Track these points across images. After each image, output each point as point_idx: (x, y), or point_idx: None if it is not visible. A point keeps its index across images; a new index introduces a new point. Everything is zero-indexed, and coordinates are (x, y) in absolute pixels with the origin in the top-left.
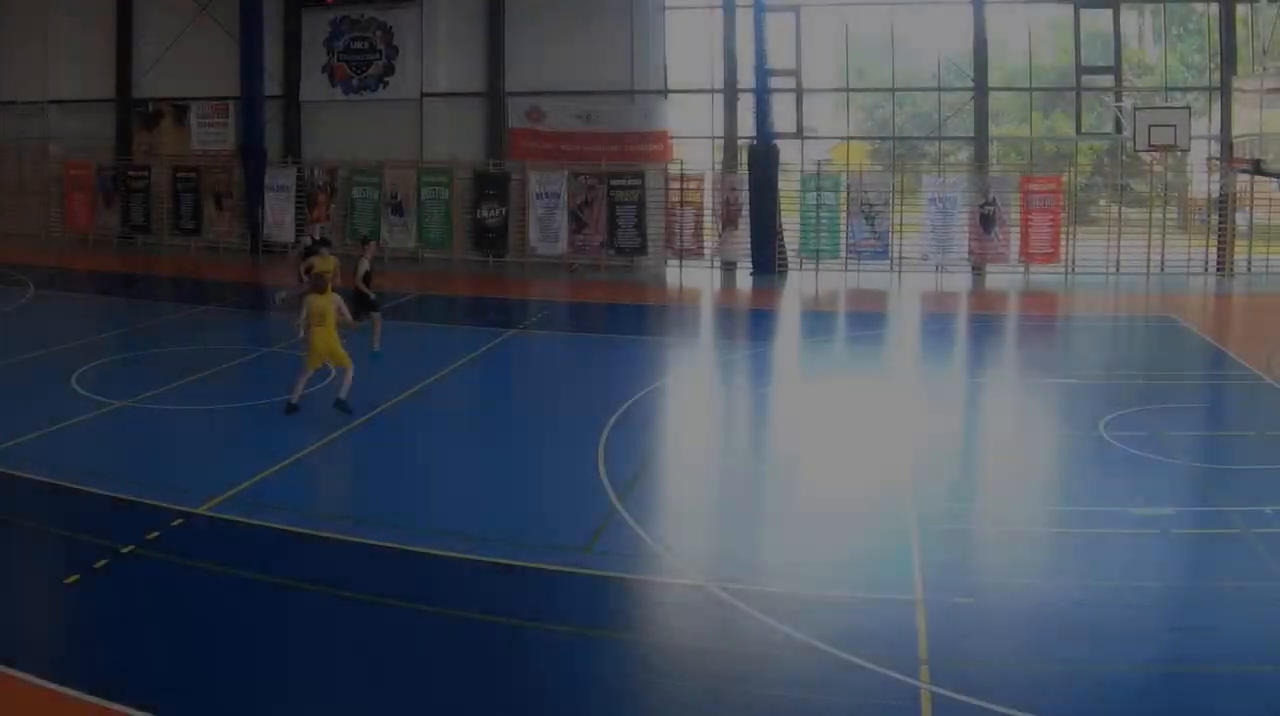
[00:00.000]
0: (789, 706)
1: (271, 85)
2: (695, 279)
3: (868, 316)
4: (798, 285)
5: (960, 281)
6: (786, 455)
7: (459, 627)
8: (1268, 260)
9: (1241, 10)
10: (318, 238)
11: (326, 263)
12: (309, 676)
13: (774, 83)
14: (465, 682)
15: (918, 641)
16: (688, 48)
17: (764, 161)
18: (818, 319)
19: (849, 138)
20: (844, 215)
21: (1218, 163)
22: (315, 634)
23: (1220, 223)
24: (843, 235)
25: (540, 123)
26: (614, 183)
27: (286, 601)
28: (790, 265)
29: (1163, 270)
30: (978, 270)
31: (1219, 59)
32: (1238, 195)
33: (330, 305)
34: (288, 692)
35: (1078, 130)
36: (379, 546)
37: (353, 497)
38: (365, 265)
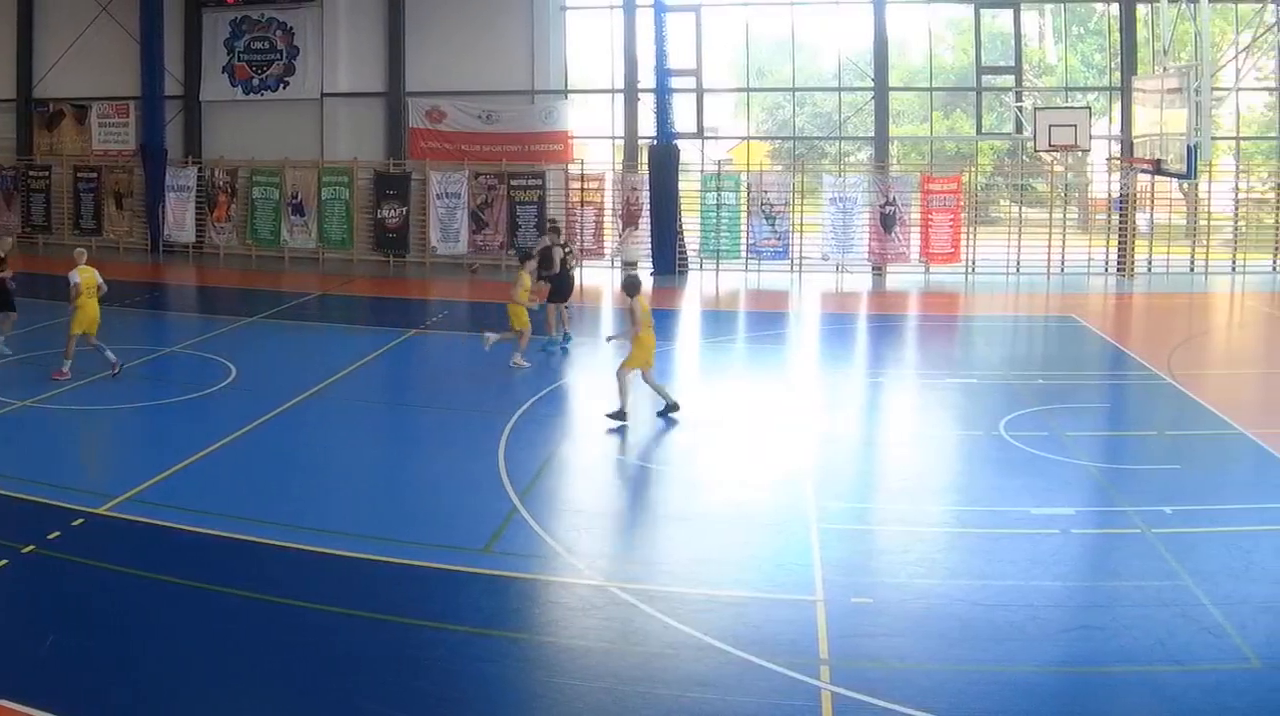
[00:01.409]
0: (689, 706)
1: (172, 85)
2: (596, 279)
3: (768, 316)
4: (698, 285)
5: (861, 281)
6: (688, 455)
7: (355, 627)
8: (1168, 260)
9: (1142, 10)
10: (562, 244)
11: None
12: (208, 676)
13: (674, 83)
14: (363, 682)
15: (818, 641)
16: (588, 48)
17: (664, 161)
18: (718, 319)
19: (749, 138)
20: (744, 215)
21: (1118, 163)
22: (216, 633)
23: (1120, 223)
24: (743, 235)
25: (441, 123)
26: (514, 183)
27: (187, 601)
28: (691, 265)
29: (1063, 270)
30: (878, 270)
31: (1119, 59)
32: (1138, 195)
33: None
34: (188, 692)
35: (978, 130)
36: (278, 546)
37: (253, 497)
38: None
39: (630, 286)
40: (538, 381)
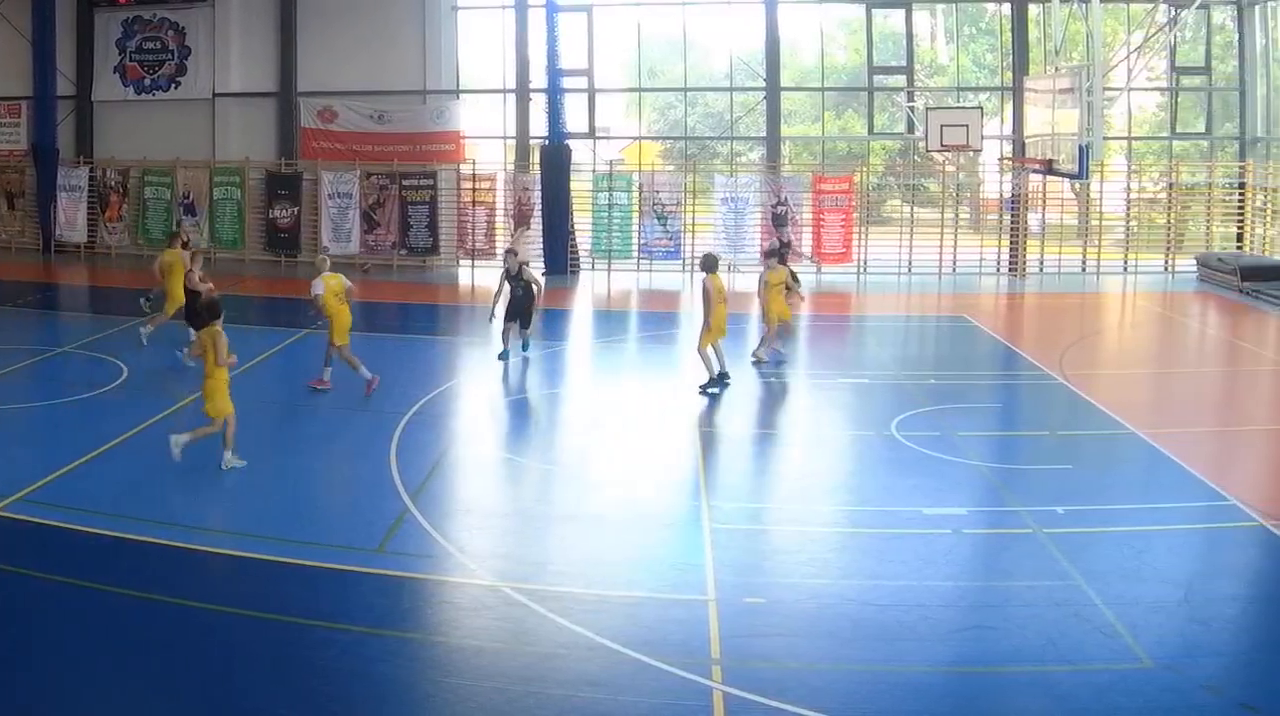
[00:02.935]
0: (581, 706)
1: (64, 85)
2: (488, 279)
3: (660, 316)
4: (590, 285)
5: (752, 281)
6: (580, 455)
7: (247, 627)
8: (1060, 260)
9: (1033, 10)
10: (786, 241)
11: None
12: (99, 677)
13: (566, 83)
14: (255, 683)
15: (710, 641)
16: (480, 48)
17: (556, 161)
18: (610, 319)
19: (641, 138)
20: (636, 215)
21: (1010, 163)
22: (107, 634)
23: (1012, 223)
24: (635, 235)
25: (332, 123)
26: (406, 183)
27: (78, 601)
28: (583, 265)
29: (955, 270)
30: None
31: (1011, 59)
32: (1030, 195)
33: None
34: (79, 694)
35: (870, 130)
36: (170, 546)
37: (145, 497)
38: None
39: (709, 264)
40: (429, 381)
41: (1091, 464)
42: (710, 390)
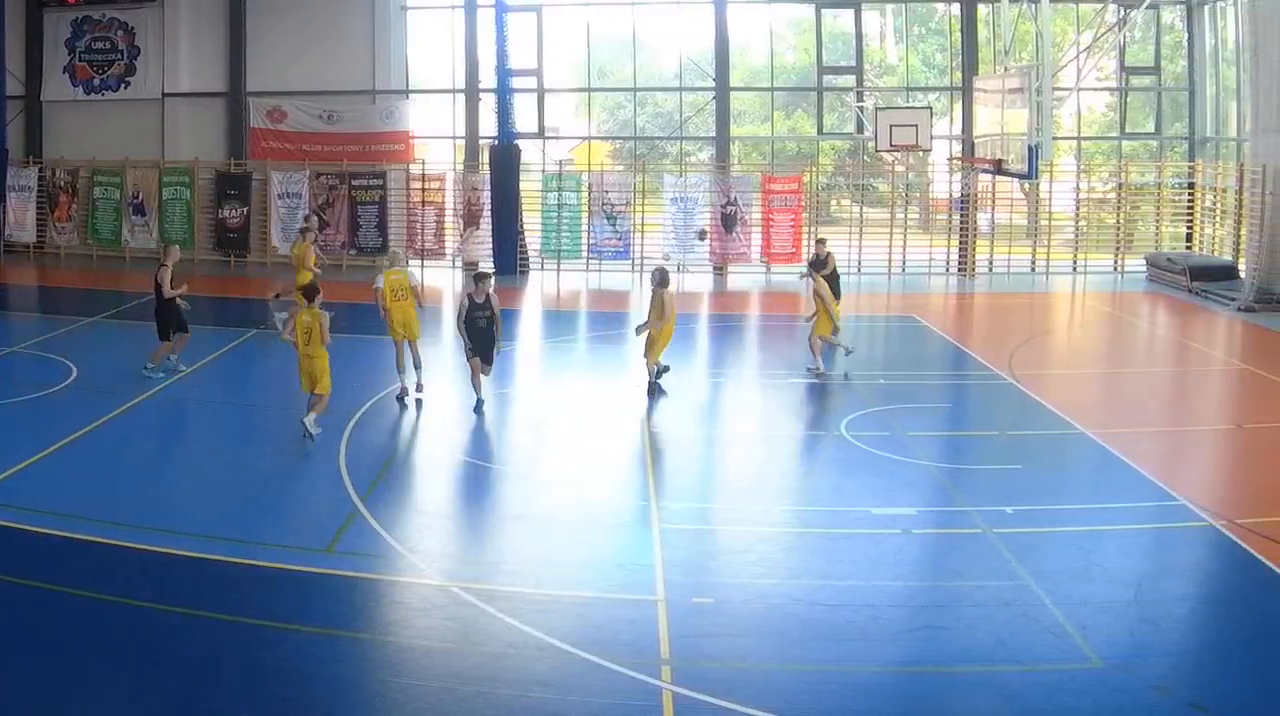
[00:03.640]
0: (530, 706)
1: (13, 85)
2: (437, 279)
3: (609, 316)
4: (539, 285)
5: (702, 281)
6: (529, 455)
7: (198, 628)
8: (1009, 260)
9: (983, 10)
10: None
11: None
12: (53, 679)
13: (515, 83)
14: (206, 683)
15: (659, 641)
16: (429, 48)
17: (505, 161)
18: (559, 319)
19: (590, 138)
20: (585, 215)
21: (959, 163)
22: (58, 635)
23: (962, 223)
24: (584, 235)
25: (282, 123)
26: (355, 183)
27: (29, 603)
28: (532, 265)
29: (904, 270)
30: (719, 270)
31: (960, 59)
32: (979, 195)
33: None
34: (32, 696)
35: (819, 130)
36: (120, 546)
37: (95, 498)
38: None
39: (664, 280)
40: (378, 382)
41: (1041, 464)
42: (658, 380)
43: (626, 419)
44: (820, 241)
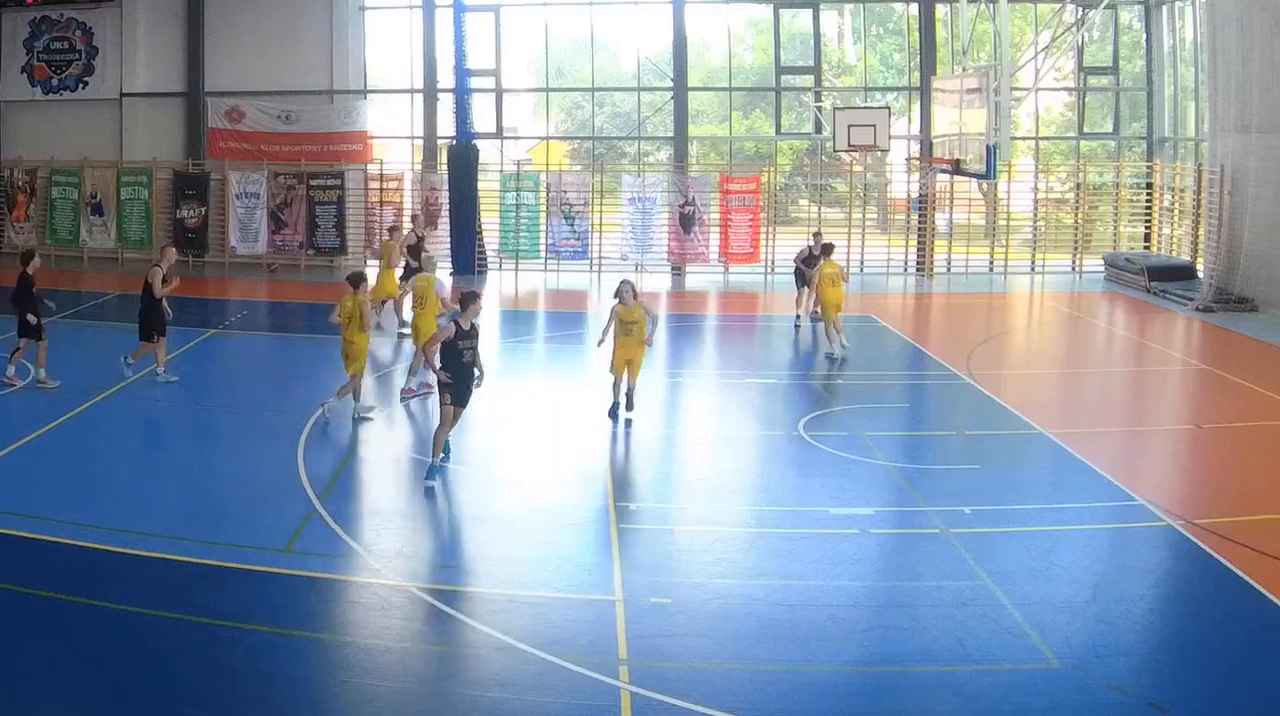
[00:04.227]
0: (488, 707)
1: None
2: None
3: (567, 316)
4: (498, 285)
5: (660, 281)
6: (487, 455)
7: (156, 628)
8: (967, 260)
9: (941, 10)
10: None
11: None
12: (11, 679)
13: (473, 83)
14: (163, 683)
15: (617, 641)
16: (387, 48)
17: (464, 161)
18: (517, 319)
19: (549, 138)
20: (544, 215)
21: (917, 163)
22: (16, 635)
23: (920, 223)
24: (542, 235)
25: (240, 123)
26: (314, 183)
27: None
28: (490, 265)
29: (862, 270)
30: (677, 270)
31: (919, 59)
32: (937, 195)
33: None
34: None
35: (777, 130)
36: (78, 546)
37: (52, 498)
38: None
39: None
40: (336, 381)
41: (999, 464)
42: (622, 415)
43: (584, 418)
44: (816, 234)
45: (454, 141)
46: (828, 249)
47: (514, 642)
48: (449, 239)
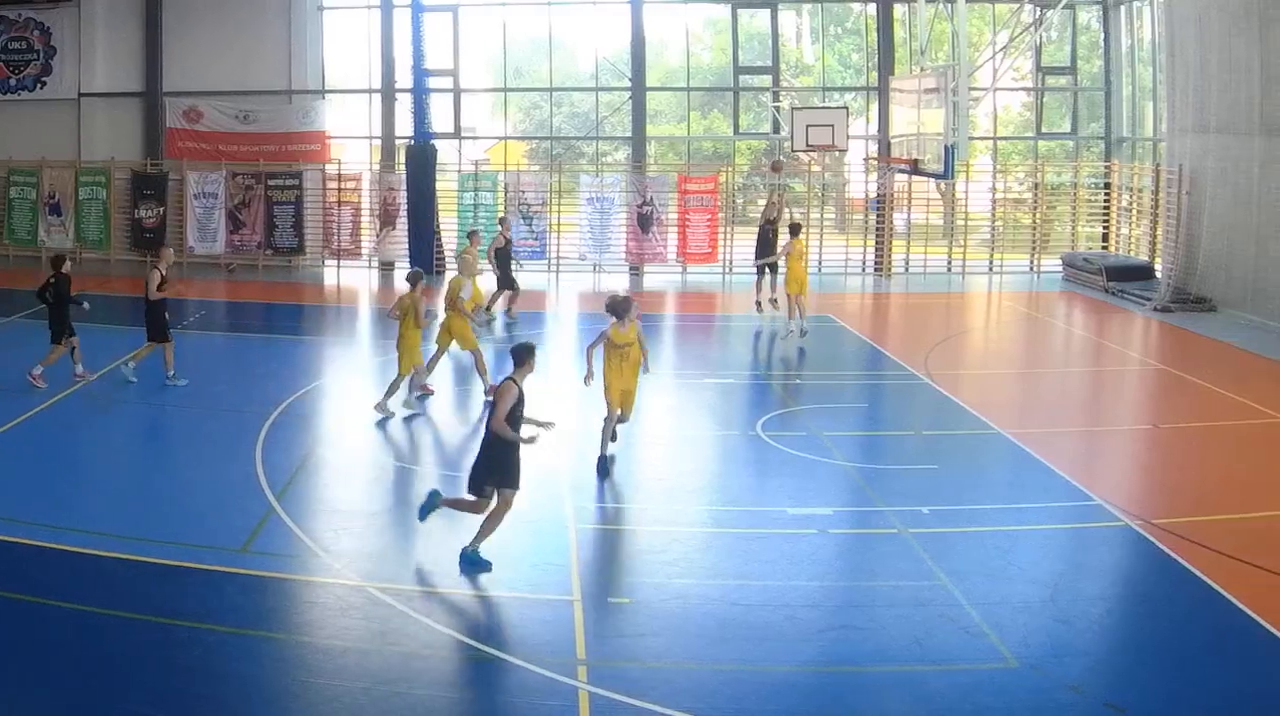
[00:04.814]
0: (446, 707)
1: None
2: (353, 279)
3: (525, 317)
4: None
5: (618, 282)
6: (445, 455)
7: (112, 627)
8: (925, 260)
9: (899, 10)
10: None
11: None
12: None
13: (432, 83)
14: (120, 683)
15: (576, 642)
16: (345, 48)
17: (422, 161)
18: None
19: (507, 138)
20: (501, 215)
21: (876, 163)
22: None
23: (878, 223)
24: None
25: (198, 123)
26: (272, 183)
27: None
28: (448, 265)
29: (820, 270)
30: (636, 270)
31: (877, 59)
32: (895, 195)
33: None
34: None
35: (735, 130)
36: (35, 545)
37: (9, 497)
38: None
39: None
40: (294, 382)
41: (957, 464)
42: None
43: (541, 418)
44: (780, 195)
45: (412, 141)
46: (796, 229)
47: (472, 642)
48: (406, 239)
